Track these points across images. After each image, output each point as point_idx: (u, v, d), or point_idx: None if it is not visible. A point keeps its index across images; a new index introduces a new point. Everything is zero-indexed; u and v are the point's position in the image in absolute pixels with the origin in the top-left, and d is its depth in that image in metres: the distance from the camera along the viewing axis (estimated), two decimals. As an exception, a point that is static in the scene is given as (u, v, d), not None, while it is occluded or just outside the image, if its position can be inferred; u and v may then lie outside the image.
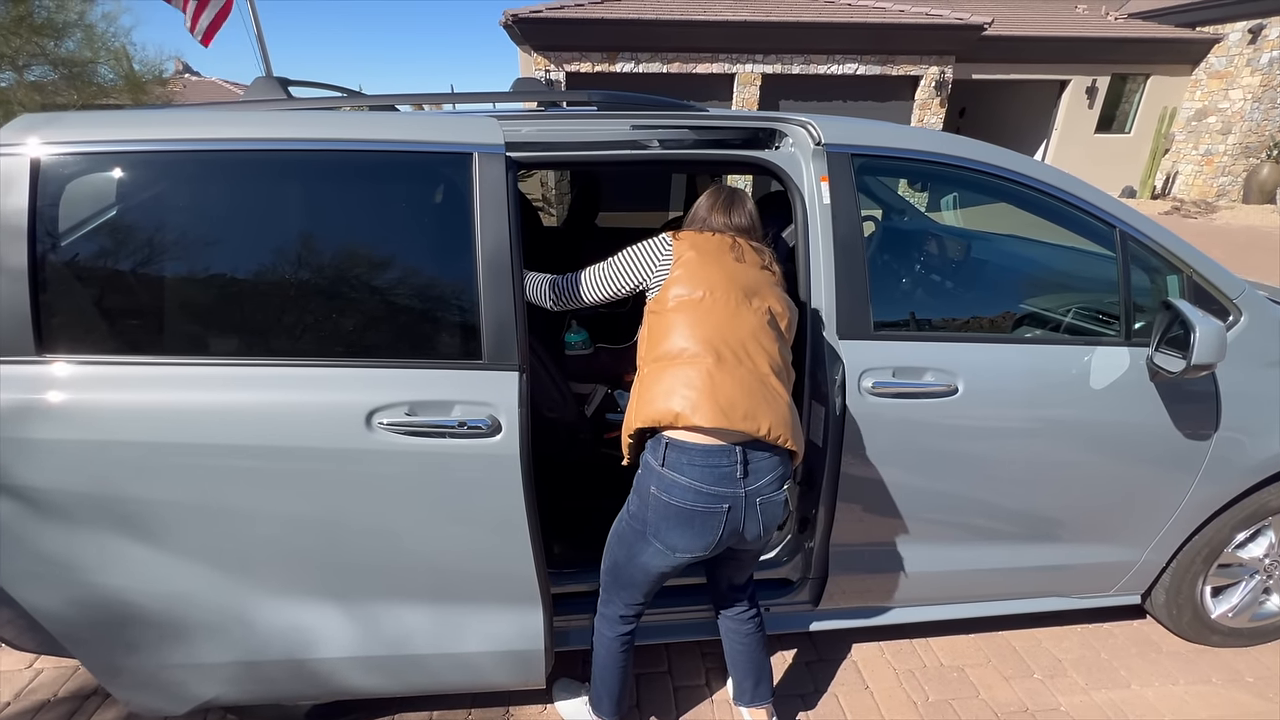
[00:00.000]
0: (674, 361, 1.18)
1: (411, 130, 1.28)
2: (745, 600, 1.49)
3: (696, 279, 1.23)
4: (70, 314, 1.21)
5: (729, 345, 1.18)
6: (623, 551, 1.31)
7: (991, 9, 11.14)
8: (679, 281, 1.24)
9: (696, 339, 1.18)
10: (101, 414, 1.20)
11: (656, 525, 1.21)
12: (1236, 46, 10.65)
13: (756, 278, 1.27)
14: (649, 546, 1.25)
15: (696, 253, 1.26)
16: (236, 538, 1.29)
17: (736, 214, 1.36)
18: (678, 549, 1.22)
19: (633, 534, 1.27)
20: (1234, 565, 1.83)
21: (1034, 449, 1.57)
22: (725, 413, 1.13)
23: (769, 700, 1.52)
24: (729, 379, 1.15)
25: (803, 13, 9.90)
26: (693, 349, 1.18)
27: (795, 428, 1.21)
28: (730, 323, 1.20)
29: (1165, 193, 11.85)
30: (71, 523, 1.24)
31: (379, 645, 1.40)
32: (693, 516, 1.18)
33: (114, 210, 1.23)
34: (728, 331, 1.19)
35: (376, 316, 1.31)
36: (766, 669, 1.52)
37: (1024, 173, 1.55)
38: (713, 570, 1.48)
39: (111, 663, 1.36)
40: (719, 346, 1.18)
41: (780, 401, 1.19)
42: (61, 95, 7.70)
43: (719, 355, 1.17)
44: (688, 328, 1.20)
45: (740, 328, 1.20)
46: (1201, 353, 1.36)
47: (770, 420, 1.15)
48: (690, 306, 1.21)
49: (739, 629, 1.49)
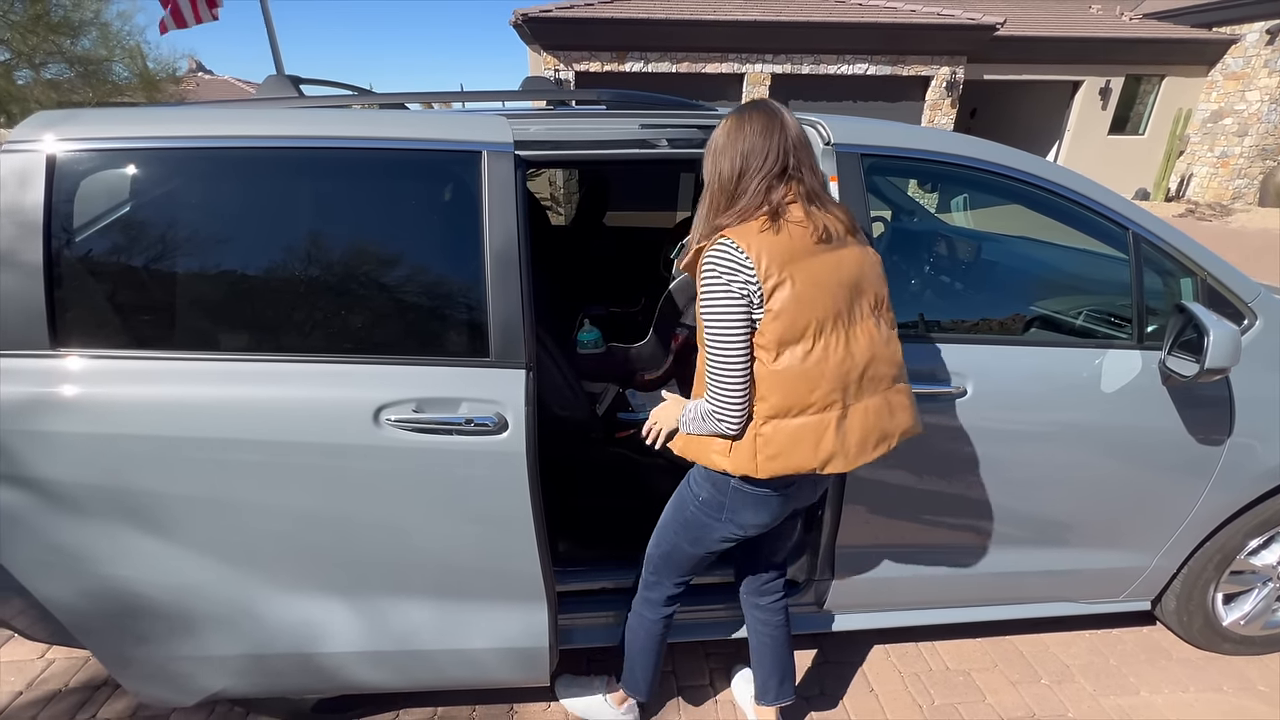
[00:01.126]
0: (791, 414, 1.08)
1: (421, 128, 1.28)
2: (778, 585, 1.47)
3: (796, 322, 1.03)
4: (84, 309, 1.23)
5: (854, 382, 1.09)
6: (687, 536, 1.32)
7: (1004, 9, 11.05)
8: (776, 330, 1.04)
9: (820, 390, 1.06)
10: (114, 408, 1.21)
11: (735, 509, 1.22)
12: (1254, 47, 10.51)
13: (851, 261, 1.09)
14: (721, 528, 1.26)
15: (789, 278, 1.02)
16: (245, 532, 1.30)
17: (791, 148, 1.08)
18: (749, 525, 1.24)
19: (705, 519, 1.26)
20: (1246, 572, 1.80)
21: (1044, 452, 1.56)
22: (860, 454, 1.11)
23: (792, 698, 1.51)
24: (859, 420, 1.10)
25: (813, 12, 9.86)
26: (817, 400, 1.07)
27: (916, 412, 1.20)
28: (846, 365, 1.07)
29: (1179, 195, 11.71)
30: (84, 515, 1.25)
31: (385, 640, 1.41)
32: (770, 500, 1.20)
33: (128, 207, 1.24)
34: (847, 376, 1.08)
35: (385, 313, 1.32)
36: (791, 666, 1.51)
37: (1036, 173, 1.53)
38: (755, 544, 1.42)
39: (122, 653, 1.38)
40: (846, 389, 1.08)
41: (904, 400, 1.17)
42: (77, 93, 7.81)
43: (844, 399, 1.08)
44: (803, 381, 1.06)
45: (860, 356, 1.08)
46: (1215, 357, 1.34)
47: (899, 429, 1.16)
48: (802, 359, 1.05)
49: (769, 619, 1.47)
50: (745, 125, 1.09)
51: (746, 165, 1.07)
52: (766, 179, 1.06)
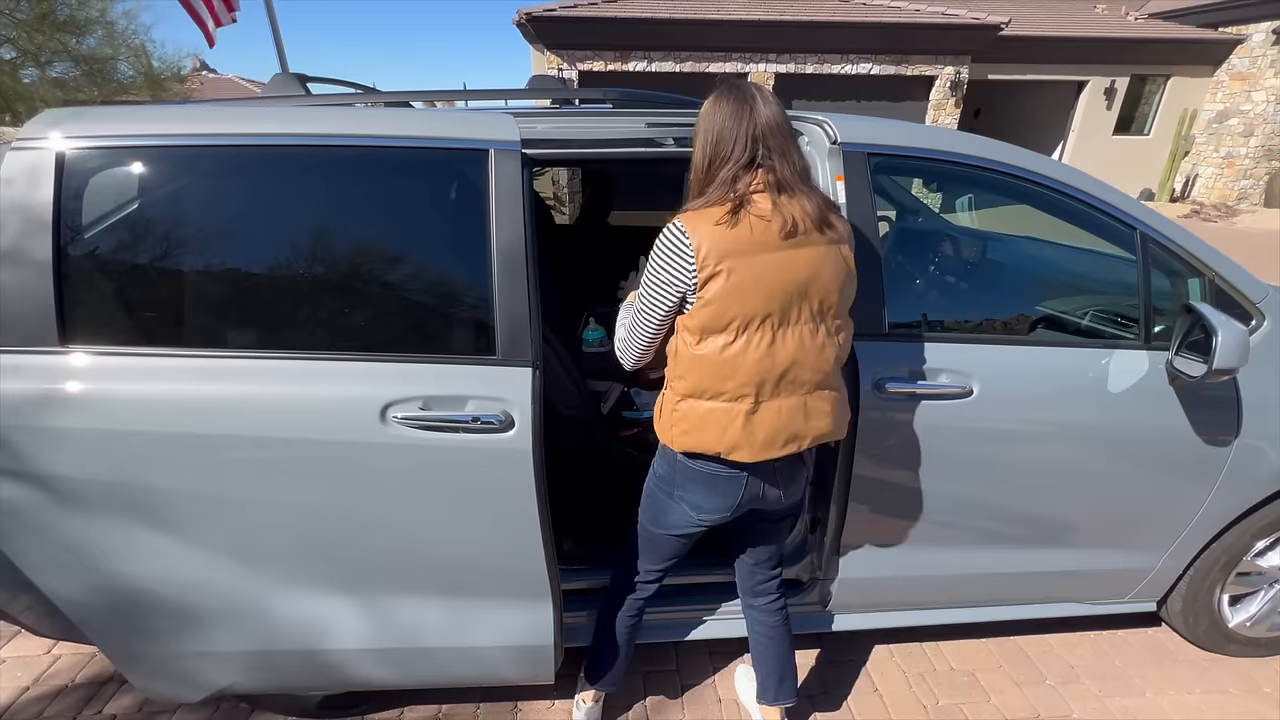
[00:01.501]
0: (704, 397, 1.12)
1: (428, 126, 1.29)
2: (773, 587, 1.47)
3: (724, 313, 1.05)
4: (92, 305, 1.23)
5: (771, 381, 1.10)
6: (649, 513, 1.35)
7: (1009, 9, 11.02)
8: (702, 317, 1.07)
9: (733, 381, 1.09)
10: (121, 404, 1.21)
11: (683, 485, 1.24)
12: (1260, 47, 10.47)
13: (804, 262, 1.06)
14: (675, 507, 1.28)
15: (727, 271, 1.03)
16: (252, 528, 1.30)
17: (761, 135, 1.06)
18: (702, 510, 1.25)
19: (661, 494, 1.30)
20: (1253, 574, 1.80)
21: (1050, 452, 1.55)
22: (766, 449, 1.14)
23: (793, 699, 1.50)
24: (770, 417, 1.12)
25: (817, 12, 9.84)
26: (729, 390, 1.10)
27: (839, 417, 1.21)
28: (765, 364, 1.08)
29: (1184, 196, 11.67)
30: (91, 511, 1.26)
31: (390, 637, 1.41)
32: (716, 480, 1.21)
33: (136, 204, 1.25)
34: (765, 373, 1.09)
35: (392, 311, 1.32)
36: (792, 665, 1.50)
37: (1043, 173, 1.53)
38: (740, 542, 1.43)
39: (128, 649, 1.38)
40: (761, 386, 1.10)
41: (825, 406, 1.17)
42: (82, 91, 7.83)
43: (757, 395, 1.10)
44: (719, 369, 1.09)
45: (782, 358, 1.09)
46: (1224, 357, 1.33)
47: (813, 433, 1.17)
48: (722, 349, 1.08)
49: (766, 620, 1.47)
50: (716, 111, 1.10)
51: (716, 154, 1.09)
52: (735, 168, 1.07)
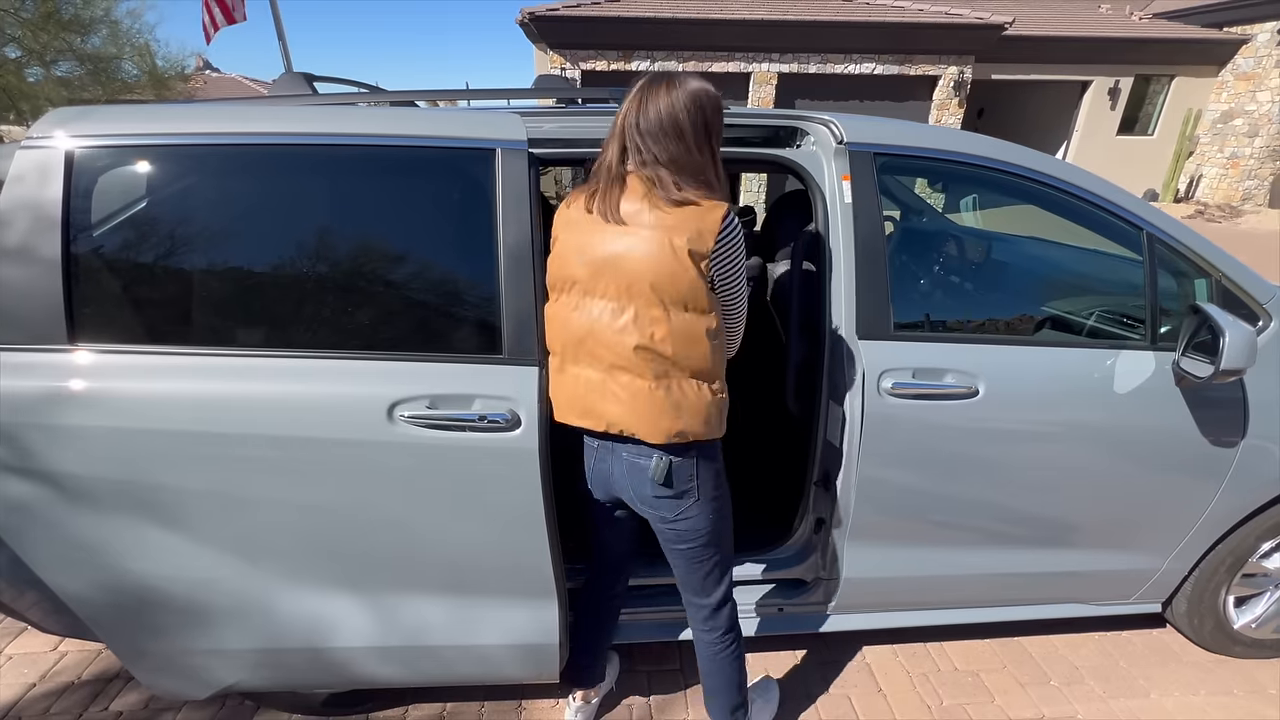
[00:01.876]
0: (551, 354, 1.24)
1: (436, 126, 1.29)
2: (700, 616, 1.38)
3: (552, 274, 1.18)
4: (101, 304, 1.24)
5: (571, 346, 1.17)
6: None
7: (1013, 9, 10.99)
8: (548, 274, 1.20)
9: (553, 337, 1.21)
10: (130, 402, 1.22)
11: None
12: (1265, 47, 10.43)
13: (612, 243, 1.10)
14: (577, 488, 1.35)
15: (558, 238, 1.17)
16: (259, 526, 1.30)
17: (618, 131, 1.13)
18: (581, 478, 1.31)
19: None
20: (1259, 575, 1.79)
21: (1055, 453, 1.55)
22: (565, 412, 1.22)
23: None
24: (569, 381, 1.19)
25: (820, 11, 9.83)
26: (554, 348, 1.22)
27: (640, 413, 1.13)
28: (568, 327, 1.16)
29: (1189, 196, 11.64)
30: (99, 508, 1.26)
31: (396, 636, 1.42)
32: (583, 446, 1.28)
33: (144, 203, 1.25)
34: (566, 336, 1.17)
35: (399, 310, 1.33)
36: (726, 697, 1.44)
37: (1049, 173, 1.53)
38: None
39: (136, 646, 1.39)
40: (565, 348, 1.19)
41: (620, 392, 1.13)
42: (87, 90, 7.85)
43: (564, 356, 1.20)
44: (549, 323, 1.22)
45: (576, 326, 1.15)
46: (1231, 358, 1.33)
47: (608, 417, 1.16)
48: (551, 305, 1.20)
49: (698, 648, 1.44)
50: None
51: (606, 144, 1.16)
52: (601, 159, 1.16)
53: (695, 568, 1.32)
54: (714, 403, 1.16)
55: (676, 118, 1.07)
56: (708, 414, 1.16)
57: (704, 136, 1.10)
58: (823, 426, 1.53)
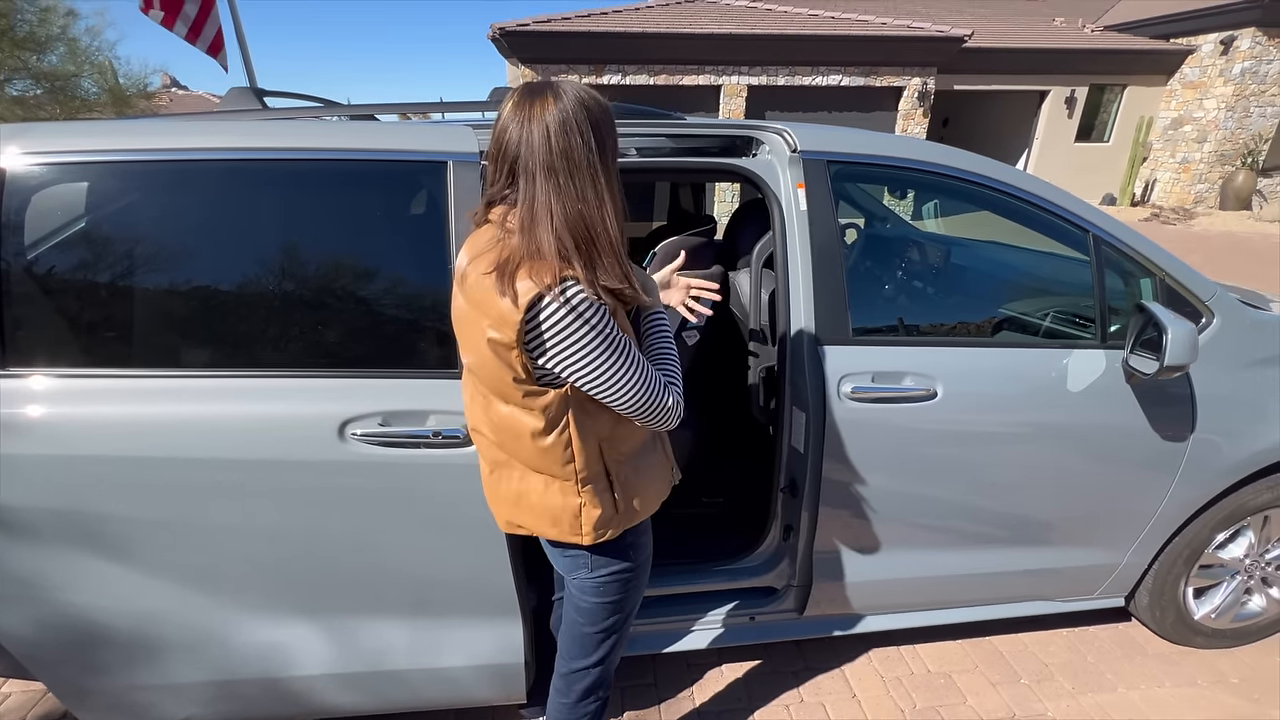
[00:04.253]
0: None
1: (387, 139, 1.28)
2: (565, 673, 1.20)
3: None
4: (37, 326, 1.19)
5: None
6: None
7: (972, 22, 11.35)
8: None
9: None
10: (70, 428, 1.17)
11: None
12: (1209, 57, 10.92)
13: (458, 308, 0.92)
14: None
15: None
16: (209, 553, 1.26)
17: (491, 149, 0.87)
18: None
19: None
20: (1215, 566, 1.83)
21: (1013, 452, 1.57)
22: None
23: None
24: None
25: (787, 25, 10.04)
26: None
27: (496, 505, 1.04)
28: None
29: (1145, 200, 12.06)
30: (37, 540, 1.20)
31: (357, 661, 1.38)
32: None
33: (85, 220, 1.21)
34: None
35: (350, 326, 1.30)
36: None
37: (1000, 179, 1.56)
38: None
39: (79, 685, 1.32)
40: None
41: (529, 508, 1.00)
42: (44, 109, 7.65)
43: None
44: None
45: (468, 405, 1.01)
46: (1174, 354, 1.37)
47: (502, 518, 1.07)
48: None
49: (553, 699, 1.24)
50: None
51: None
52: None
53: (575, 625, 1.15)
54: (569, 507, 0.97)
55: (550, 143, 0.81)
56: (557, 517, 0.98)
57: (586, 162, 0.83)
58: (787, 432, 1.54)
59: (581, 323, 0.83)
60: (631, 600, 1.14)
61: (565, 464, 0.95)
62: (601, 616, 1.12)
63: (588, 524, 0.98)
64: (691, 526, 1.95)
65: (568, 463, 0.95)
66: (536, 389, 0.89)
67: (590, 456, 0.95)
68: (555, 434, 0.92)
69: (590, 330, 0.84)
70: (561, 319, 0.83)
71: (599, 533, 0.99)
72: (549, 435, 0.92)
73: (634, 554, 1.08)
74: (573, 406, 0.92)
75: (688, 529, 1.93)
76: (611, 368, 0.87)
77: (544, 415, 0.91)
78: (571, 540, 1.00)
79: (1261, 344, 1.66)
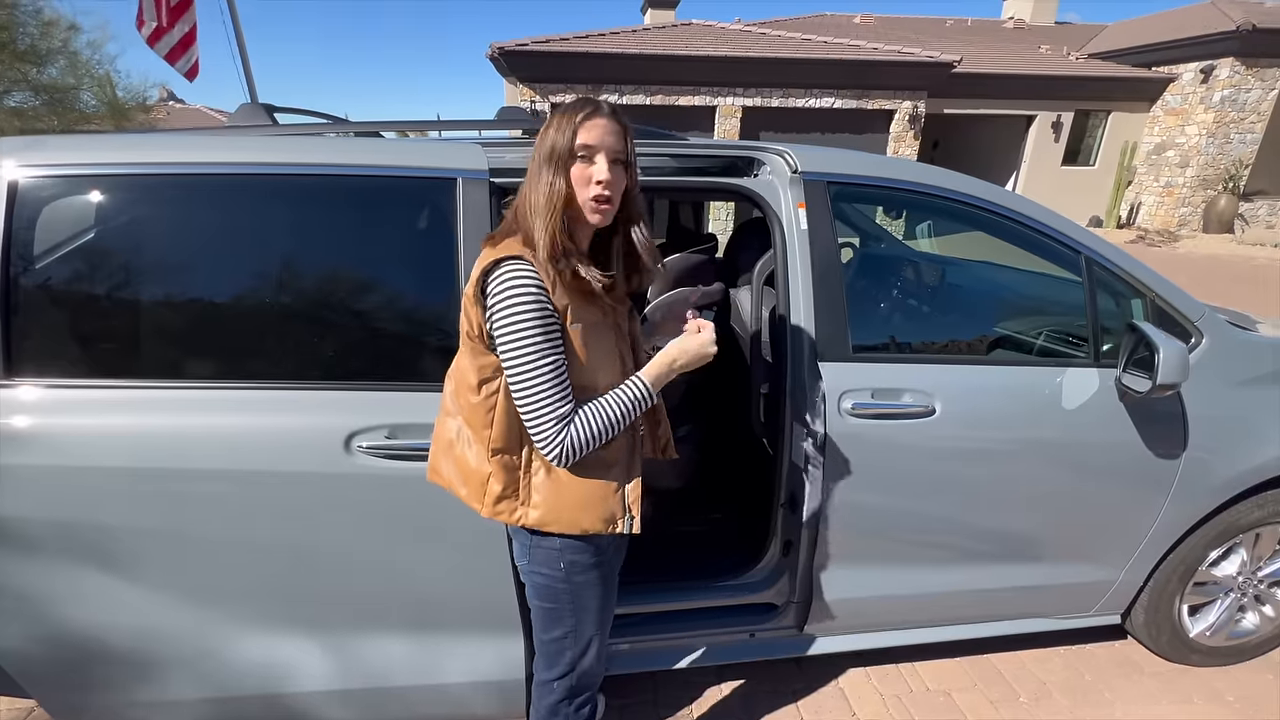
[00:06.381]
0: None
1: (397, 156, 1.30)
2: (539, 683, 1.20)
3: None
4: (43, 336, 1.19)
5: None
6: None
7: (960, 48, 11.64)
8: None
9: None
10: (72, 439, 1.17)
11: None
12: (1190, 85, 11.24)
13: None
14: None
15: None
16: (210, 567, 1.25)
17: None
18: None
19: None
20: (1209, 583, 1.85)
21: (1010, 468, 1.59)
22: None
23: None
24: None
25: (781, 49, 10.26)
26: None
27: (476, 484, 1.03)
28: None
29: (1130, 222, 12.31)
30: (35, 553, 1.20)
31: (358, 677, 1.36)
32: None
33: (92, 233, 1.22)
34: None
35: (357, 339, 1.31)
36: None
37: (995, 201, 1.60)
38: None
39: (72, 703, 1.31)
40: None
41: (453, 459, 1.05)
42: (42, 121, 7.65)
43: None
44: None
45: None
46: (1166, 373, 1.40)
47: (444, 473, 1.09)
48: None
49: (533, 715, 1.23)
50: None
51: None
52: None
53: (538, 633, 1.16)
54: (478, 473, 1.01)
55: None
56: (467, 478, 1.03)
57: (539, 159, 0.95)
58: (787, 448, 1.55)
59: (511, 300, 0.91)
60: (573, 619, 1.12)
61: (484, 428, 1.00)
62: (548, 622, 1.13)
63: (489, 497, 1.02)
64: (691, 542, 1.95)
65: (486, 427, 1.00)
66: (482, 347, 0.98)
67: (509, 431, 1.00)
68: (484, 395, 0.99)
69: (513, 311, 0.91)
70: (498, 290, 0.91)
71: (496, 509, 1.02)
72: (479, 393, 0.99)
73: (569, 572, 1.07)
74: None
75: (687, 544, 1.93)
76: (516, 355, 0.93)
77: (480, 373, 0.99)
78: (473, 506, 1.04)
79: (1248, 364, 1.70)
